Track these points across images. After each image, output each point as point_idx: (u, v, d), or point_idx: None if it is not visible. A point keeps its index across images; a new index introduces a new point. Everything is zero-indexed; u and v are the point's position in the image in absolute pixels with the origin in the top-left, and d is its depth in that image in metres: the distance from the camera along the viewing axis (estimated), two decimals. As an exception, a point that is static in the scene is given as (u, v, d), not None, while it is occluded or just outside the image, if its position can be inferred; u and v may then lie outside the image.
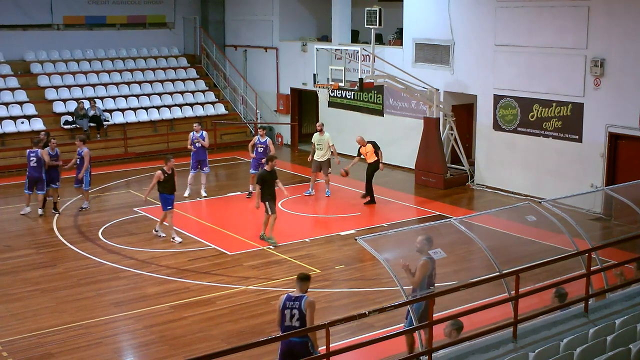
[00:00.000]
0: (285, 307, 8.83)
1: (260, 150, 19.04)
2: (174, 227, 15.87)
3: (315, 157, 19.23)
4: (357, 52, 19.17)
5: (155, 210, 17.00)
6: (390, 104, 23.05)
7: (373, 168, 18.58)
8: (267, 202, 15.36)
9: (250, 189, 19.04)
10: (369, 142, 18.72)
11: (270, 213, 15.41)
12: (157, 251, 15.28)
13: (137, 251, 15.29)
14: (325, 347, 7.34)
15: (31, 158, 17.52)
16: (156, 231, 16.14)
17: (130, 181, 21.54)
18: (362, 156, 18.91)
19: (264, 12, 27.31)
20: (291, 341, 8.59)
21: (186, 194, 19.29)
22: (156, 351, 11.00)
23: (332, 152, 19.28)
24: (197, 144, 19.30)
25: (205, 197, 19.38)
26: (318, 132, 19.43)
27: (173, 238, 15.75)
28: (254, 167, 18.93)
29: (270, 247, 15.43)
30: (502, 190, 19.88)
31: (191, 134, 19.52)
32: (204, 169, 19.52)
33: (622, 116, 17.18)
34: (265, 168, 15.66)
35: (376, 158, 18.52)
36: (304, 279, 8.99)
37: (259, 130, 19.79)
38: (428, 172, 20.64)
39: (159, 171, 15.74)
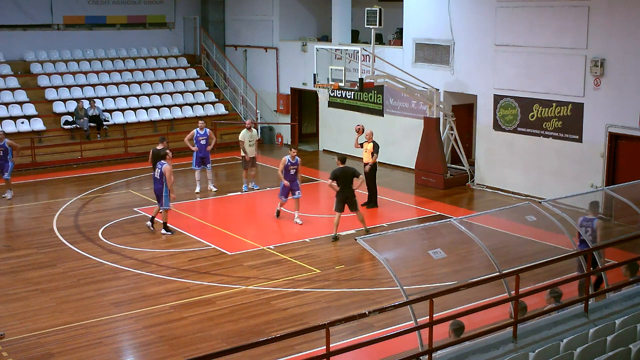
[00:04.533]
0: (581, 225, 11.43)
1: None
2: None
3: (250, 154, 19.48)
4: (357, 52, 19.14)
5: (152, 210, 16.97)
6: (390, 104, 23.04)
7: (371, 168, 18.39)
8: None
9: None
10: (372, 141, 18.50)
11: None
12: (157, 251, 15.29)
13: (137, 251, 15.29)
14: (325, 347, 7.33)
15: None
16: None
17: (130, 181, 21.53)
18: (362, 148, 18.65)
19: (264, 12, 27.30)
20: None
21: (197, 190, 19.59)
22: (156, 351, 11.00)
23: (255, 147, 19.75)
24: (201, 142, 19.39)
25: (215, 191, 19.84)
26: (247, 129, 19.64)
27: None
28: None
29: (271, 247, 15.47)
30: (502, 190, 19.87)
31: (195, 130, 19.63)
32: (208, 165, 19.70)
33: (622, 116, 17.18)
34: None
35: (370, 160, 18.14)
36: (594, 205, 11.85)
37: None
38: (428, 172, 20.63)
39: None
